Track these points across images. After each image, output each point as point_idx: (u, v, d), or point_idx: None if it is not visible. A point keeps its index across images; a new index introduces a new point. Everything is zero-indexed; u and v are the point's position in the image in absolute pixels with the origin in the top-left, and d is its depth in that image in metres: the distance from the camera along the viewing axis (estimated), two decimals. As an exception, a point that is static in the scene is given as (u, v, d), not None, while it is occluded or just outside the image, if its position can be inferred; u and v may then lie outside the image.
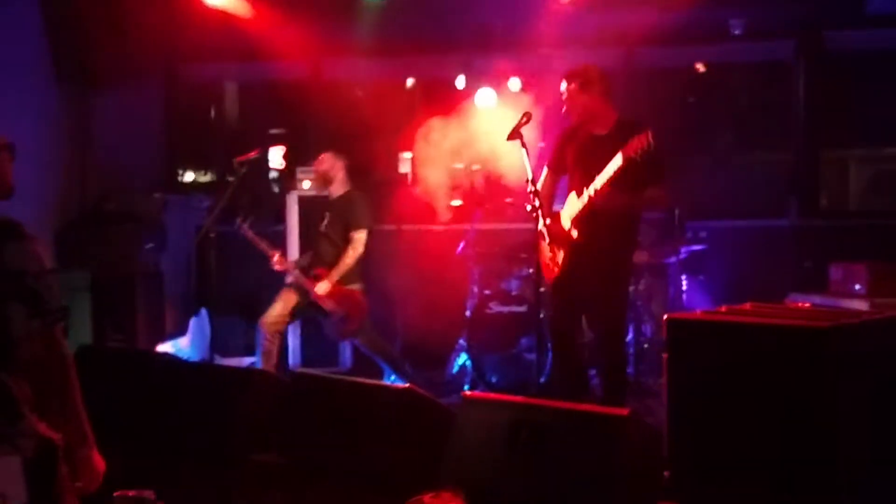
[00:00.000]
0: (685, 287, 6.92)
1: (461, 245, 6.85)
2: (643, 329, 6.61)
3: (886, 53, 7.72)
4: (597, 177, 4.65)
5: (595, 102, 4.88)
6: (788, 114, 7.84)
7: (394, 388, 4.31)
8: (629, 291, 5.40)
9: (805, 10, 7.43)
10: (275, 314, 6.28)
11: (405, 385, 4.23)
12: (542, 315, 5.46)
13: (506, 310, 6.42)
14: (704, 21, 7.50)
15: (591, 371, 5.71)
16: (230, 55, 8.16)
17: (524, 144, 4.66)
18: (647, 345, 6.58)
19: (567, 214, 4.89)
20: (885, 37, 7.58)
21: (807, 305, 4.21)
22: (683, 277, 6.91)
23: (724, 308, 3.95)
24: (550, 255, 4.93)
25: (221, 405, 4.31)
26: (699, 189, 7.71)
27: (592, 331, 5.47)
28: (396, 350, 6.78)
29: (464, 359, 6.63)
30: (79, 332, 6.22)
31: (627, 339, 6.26)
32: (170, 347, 7.02)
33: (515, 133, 4.65)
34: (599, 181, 4.65)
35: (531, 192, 4.64)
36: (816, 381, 3.27)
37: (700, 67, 8.41)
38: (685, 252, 6.82)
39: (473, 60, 7.64)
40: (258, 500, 4.01)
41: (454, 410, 3.89)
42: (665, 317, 3.74)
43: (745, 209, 7.83)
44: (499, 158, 6.22)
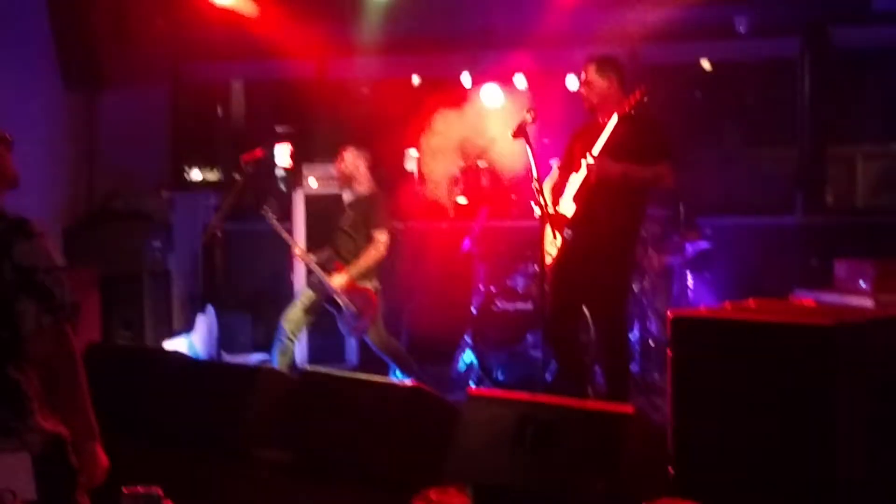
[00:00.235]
0: (691, 284, 6.92)
1: (467, 242, 6.87)
2: (648, 326, 6.61)
3: (893, 50, 7.71)
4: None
5: (611, 88, 4.93)
6: (794, 110, 7.84)
7: (400, 386, 4.33)
8: (630, 281, 5.37)
9: (811, 7, 7.43)
10: (297, 315, 6.30)
11: (411, 382, 4.26)
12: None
13: (511, 307, 6.43)
14: (709, 18, 7.50)
15: (597, 368, 5.72)
16: (236, 54, 8.20)
17: (529, 142, 4.67)
18: (653, 342, 6.58)
19: (568, 194, 4.90)
20: (892, 33, 7.56)
21: (810, 302, 4.22)
22: (689, 274, 6.91)
23: (728, 305, 3.96)
24: (551, 241, 4.87)
25: (229, 402, 4.33)
26: (704, 185, 7.71)
27: (593, 322, 5.45)
28: (403, 347, 6.80)
29: (470, 356, 6.64)
30: (87, 330, 6.26)
31: (633, 337, 6.27)
32: (181, 343, 7.05)
33: (520, 130, 4.67)
34: (596, 148, 4.72)
35: (535, 189, 4.66)
36: (819, 378, 3.28)
37: (706, 65, 8.40)
38: (691, 249, 6.82)
39: (479, 58, 7.66)
40: (265, 496, 4.03)
41: (460, 407, 3.91)
42: (669, 314, 3.75)
43: (751, 206, 7.83)
44: (504, 155, 6.24)
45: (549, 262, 4.86)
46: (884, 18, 7.43)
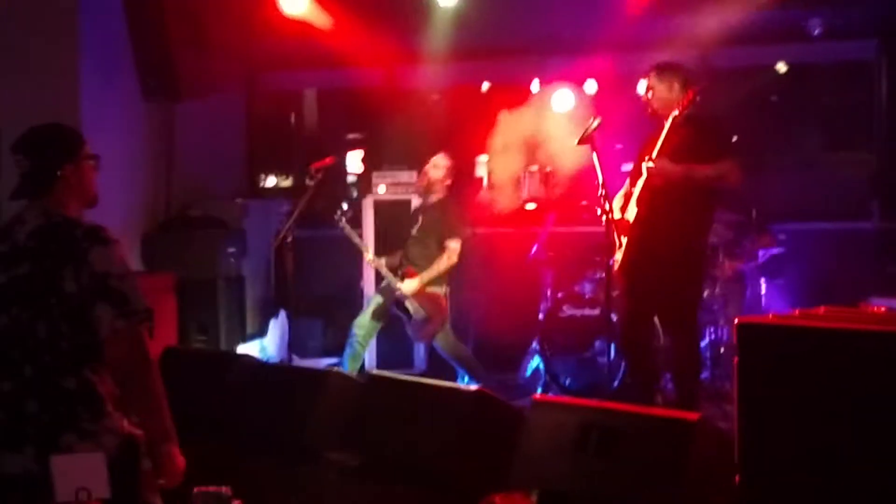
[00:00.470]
0: (764, 291, 6.81)
1: (534, 248, 6.87)
2: (720, 333, 6.53)
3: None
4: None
5: (672, 94, 4.88)
6: (871, 114, 7.66)
7: (466, 390, 4.35)
8: (701, 287, 5.29)
9: (887, 10, 7.26)
10: (367, 321, 6.38)
11: (477, 387, 4.28)
12: (615, 319, 5.44)
13: (579, 313, 6.41)
14: (783, 21, 7.39)
15: (667, 375, 5.67)
16: (309, 63, 8.35)
17: (595, 148, 4.67)
18: (724, 349, 6.49)
19: (633, 200, 4.89)
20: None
21: (882, 310, 4.13)
22: (762, 281, 6.80)
23: (797, 312, 3.90)
24: (619, 246, 4.85)
25: (298, 404, 4.41)
26: (779, 190, 7.58)
27: (663, 328, 5.41)
28: (471, 353, 6.83)
29: (537, 362, 6.63)
30: (164, 334, 6.42)
31: (703, 344, 6.20)
32: (254, 347, 7.20)
33: (587, 137, 4.67)
34: (655, 151, 4.70)
35: (601, 196, 4.65)
36: (889, 386, 3.22)
37: (781, 67, 8.27)
38: (763, 255, 6.72)
39: (548, 63, 7.66)
40: (333, 498, 4.09)
41: (525, 413, 3.92)
42: (736, 320, 3.71)
43: (826, 211, 7.68)
44: (572, 161, 6.24)
45: (616, 268, 4.86)
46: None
